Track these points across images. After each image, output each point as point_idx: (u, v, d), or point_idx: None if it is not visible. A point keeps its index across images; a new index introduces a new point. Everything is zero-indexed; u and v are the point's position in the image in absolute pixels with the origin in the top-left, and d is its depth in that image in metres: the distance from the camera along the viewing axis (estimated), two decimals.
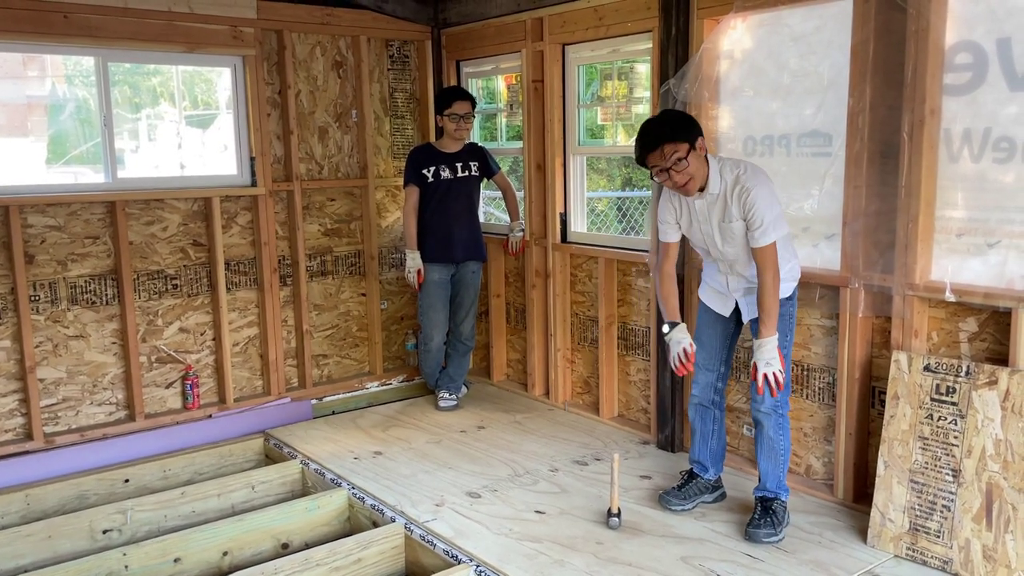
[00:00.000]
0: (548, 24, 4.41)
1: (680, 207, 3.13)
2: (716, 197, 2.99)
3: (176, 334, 4.40)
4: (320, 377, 4.90)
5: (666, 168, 2.90)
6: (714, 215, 3.02)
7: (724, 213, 2.99)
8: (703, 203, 3.03)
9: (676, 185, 2.94)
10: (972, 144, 2.88)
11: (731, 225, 2.98)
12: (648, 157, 2.93)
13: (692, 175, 2.92)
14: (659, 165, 2.91)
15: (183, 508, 3.69)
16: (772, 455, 3.12)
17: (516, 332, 5.06)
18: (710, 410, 3.35)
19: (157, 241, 4.30)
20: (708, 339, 3.29)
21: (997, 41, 2.79)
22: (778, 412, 3.10)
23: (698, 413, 3.37)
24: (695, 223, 3.10)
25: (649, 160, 2.93)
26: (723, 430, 3.40)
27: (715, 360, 3.30)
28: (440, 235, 4.51)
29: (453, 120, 4.42)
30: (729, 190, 2.96)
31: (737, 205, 2.94)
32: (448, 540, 3.12)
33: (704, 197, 3.01)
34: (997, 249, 2.83)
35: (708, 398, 3.34)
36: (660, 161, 2.90)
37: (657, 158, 2.91)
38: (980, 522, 2.73)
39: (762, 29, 3.49)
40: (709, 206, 3.02)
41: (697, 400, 3.36)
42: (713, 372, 3.31)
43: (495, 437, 4.22)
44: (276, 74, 4.58)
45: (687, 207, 3.10)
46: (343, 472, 3.78)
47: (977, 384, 2.77)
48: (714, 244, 3.08)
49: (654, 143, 2.91)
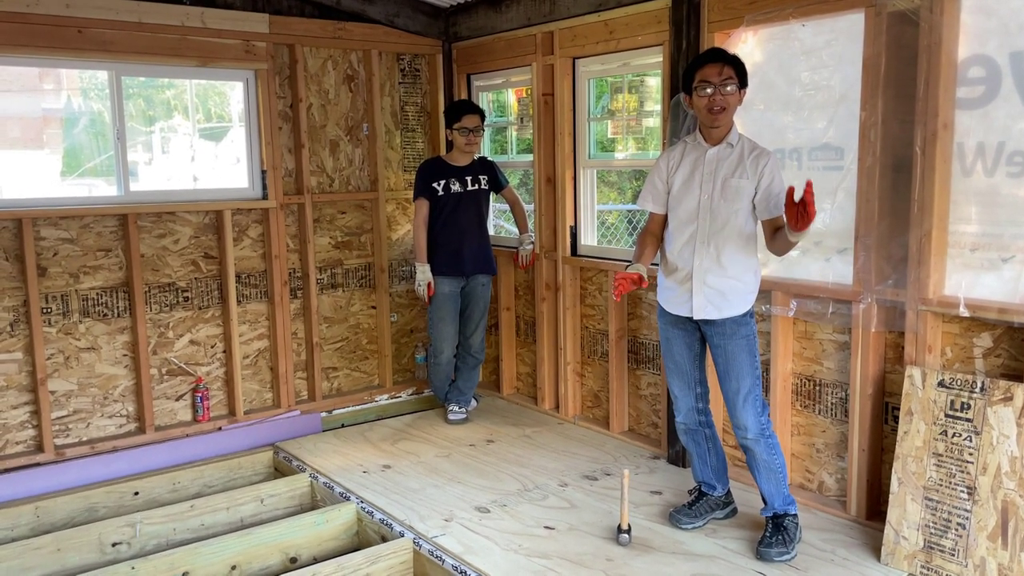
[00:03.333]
0: (558, 38, 4.42)
1: (680, 162, 3.10)
2: (732, 151, 3.01)
3: (187, 346, 4.41)
4: (330, 390, 4.90)
5: (715, 84, 2.90)
6: (723, 168, 3.01)
7: (737, 168, 2.99)
8: (715, 153, 3.03)
9: (712, 106, 2.93)
10: (985, 158, 2.86)
11: (740, 182, 2.98)
12: (707, 67, 2.93)
13: (728, 108, 2.95)
14: (711, 80, 2.91)
15: (192, 521, 3.68)
16: (771, 476, 3.09)
17: (526, 345, 5.04)
18: (699, 431, 3.30)
19: (168, 254, 4.32)
20: (678, 362, 3.22)
21: (1010, 55, 2.77)
22: (765, 435, 3.07)
23: (689, 436, 3.33)
24: (695, 177, 3.05)
25: (706, 70, 2.92)
26: (719, 445, 3.35)
27: (691, 382, 3.24)
28: (450, 248, 4.51)
29: (463, 134, 4.43)
30: (747, 150, 3.01)
31: (753, 166, 2.97)
32: (457, 556, 3.10)
33: (719, 148, 3.02)
34: (1011, 264, 2.80)
35: (693, 420, 3.29)
36: (715, 76, 2.91)
37: (714, 72, 2.91)
38: (995, 540, 2.69)
39: (773, 43, 3.48)
40: (720, 159, 3.02)
41: (684, 426, 3.31)
42: (691, 394, 3.25)
43: (504, 451, 4.20)
44: (288, 88, 4.60)
45: (689, 160, 3.08)
46: (352, 486, 3.77)
47: (992, 400, 2.74)
48: (707, 204, 3.01)
49: (720, 57, 2.95)
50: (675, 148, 3.18)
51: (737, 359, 3.05)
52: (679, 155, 3.13)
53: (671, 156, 3.15)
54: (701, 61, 2.98)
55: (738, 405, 3.05)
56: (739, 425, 3.07)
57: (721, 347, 3.07)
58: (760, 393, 3.07)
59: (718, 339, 3.08)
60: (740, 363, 3.04)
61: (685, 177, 3.09)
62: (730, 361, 3.06)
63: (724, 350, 3.07)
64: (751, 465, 3.13)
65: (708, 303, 3.04)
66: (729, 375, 3.07)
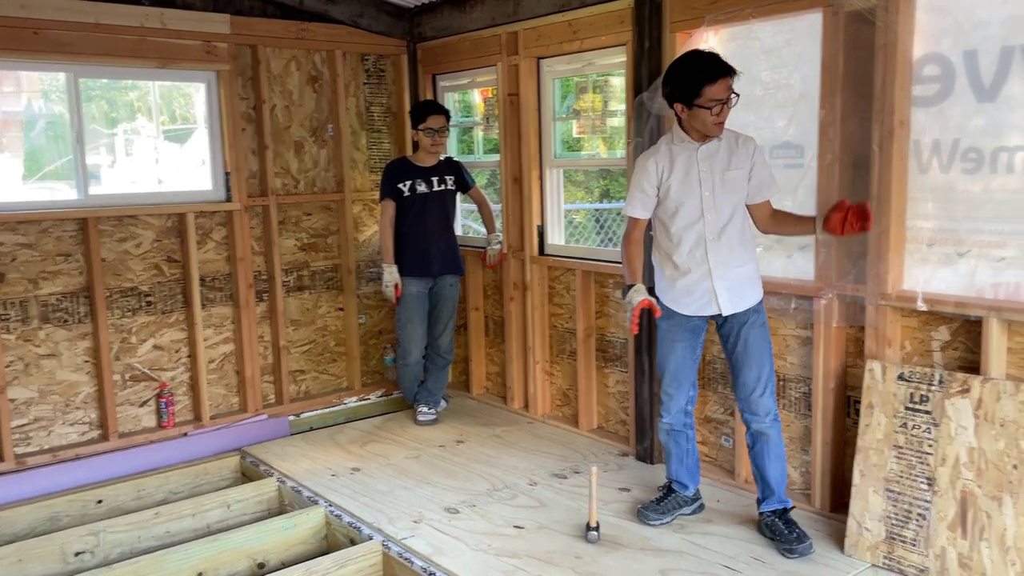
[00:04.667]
0: (523, 38, 4.43)
1: (670, 167, 3.05)
2: (720, 143, 3.02)
3: (150, 351, 4.35)
4: (297, 393, 4.87)
5: (724, 101, 2.88)
6: (717, 163, 3.01)
7: (730, 159, 3.01)
8: (705, 150, 3.02)
9: (718, 123, 2.93)
10: (941, 155, 2.91)
11: (736, 172, 3.01)
12: (719, 84, 2.86)
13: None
14: (720, 98, 2.88)
15: (157, 529, 3.64)
16: (780, 461, 3.13)
17: (495, 345, 5.04)
18: (683, 432, 3.31)
19: (130, 258, 4.26)
20: (679, 362, 3.21)
21: (964, 53, 2.83)
22: (777, 419, 3.12)
23: (671, 437, 3.33)
24: (692, 176, 3.02)
25: (716, 88, 2.86)
26: (695, 445, 3.38)
27: (686, 384, 3.25)
28: (417, 249, 4.50)
29: (428, 134, 4.42)
30: (732, 139, 3.04)
31: (744, 154, 3.01)
32: (426, 557, 3.09)
33: (708, 144, 3.02)
34: (967, 259, 2.86)
35: (680, 421, 3.30)
36: (724, 93, 2.88)
37: (723, 89, 2.88)
38: (955, 530, 2.74)
39: (734, 42, 3.51)
40: (712, 154, 3.02)
41: (669, 426, 3.31)
42: (684, 396, 3.26)
43: (474, 451, 4.20)
44: (251, 89, 4.56)
45: (681, 161, 3.04)
46: (320, 489, 3.74)
47: (950, 393, 2.79)
48: (711, 200, 3.01)
49: (727, 72, 2.88)
50: (658, 152, 3.09)
51: (758, 347, 3.08)
52: (667, 159, 3.06)
53: (658, 161, 3.07)
54: (709, 77, 2.87)
55: (757, 391, 3.08)
56: (757, 411, 3.09)
57: (743, 338, 3.08)
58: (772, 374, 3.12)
59: (740, 330, 3.08)
60: (761, 350, 3.08)
61: (681, 178, 3.04)
62: (750, 349, 3.08)
63: (746, 340, 3.08)
64: (762, 452, 3.12)
65: (733, 296, 3.06)
66: (750, 363, 3.08)
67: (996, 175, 2.78)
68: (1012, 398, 2.65)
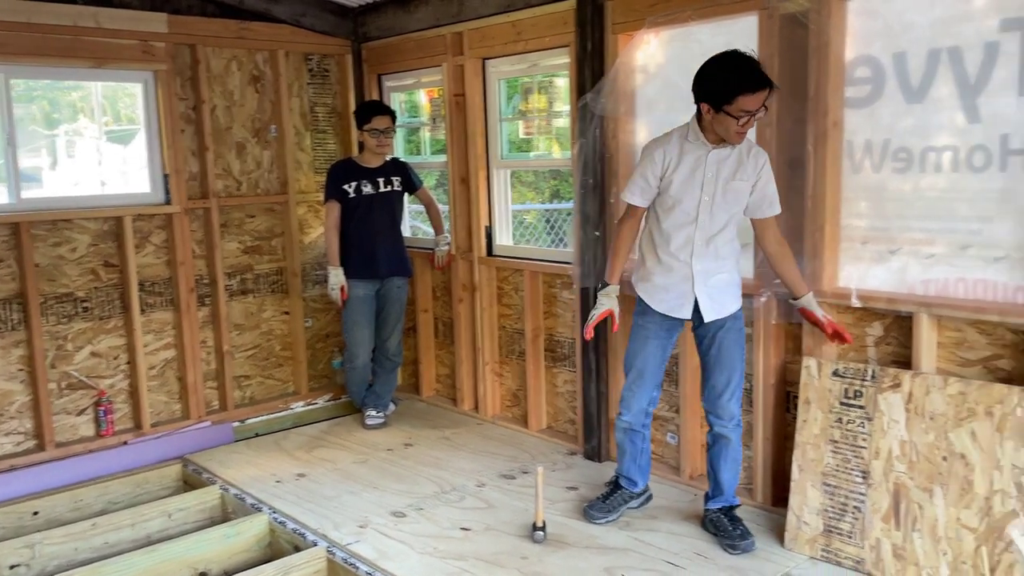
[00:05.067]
0: (468, 39, 4.42)
1: (677, 162, 2.95)
2: (732, 151, 2.92)
3: (88, 359, 4.24)
4: (242, 399, 4.79)
5: (752, 113, 2.75)
6: (724, 170, 2.93)
7: (737, 170, 2.93)
8: (716, 155, 2.93)
9: (740, 132, 2.81)
10: (873, 155, 2.98)
11: (741, 184, 2.93)
12: (750, 98, 2.71)
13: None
14: (750, 110, 2.74)
15: (95, 540, 3.55)
16: (736, 464, 3.15)
17: (444, 347, 5.03)
18: (640, 432, 3.29)
19: (66, 263, 4.14)
20: (647, 360, 3.16)
21: (893, 55, 2.90)
22: (739, 424, 3.13)
23: (628, 436, 3.29)
24: (696, 177, 2.94)
25: (749, 101, 2.71)
26: (649, 444, 3.37)
27: (650, 384, 3.21)
28: (364, 251, 4.46)
29: (373, 135, 4.39)
30: (744, 149, 2.94)
31: (753, 165, 2.93)
32: (371, 562, 3.06)
33: (720, 149, 2.93)
34: (898, 256, 2.93)
35: (639, 422, 3.26)
36: (755, 105, 2.74)
37: (757, 102, 2.73)
38: (889, 522, 2.81)
39: (674, 44, 3.55)
40: (722, 160, 2.93)
41: (628, 425, 3.26)
42: (647, 396, 3.23)
43: (422, 454, 4.18)
44: (190, 89, 4.47)
45: (690, 159, 2.94)
46: (264, 496, 3.69)
47: (882, 387, 2.85)
48: (708, 205, 2.94)
49: (764, 84, 2.72)
50: (668, 143, 2.99)
51: (732, 353, 3.06)
52: (676, 152, 2.96)
53: (667, 151, 2.97)
54: (748, 87, 2.71)
55: (725, 396, 3.08)
56: (723, 415, 3.09)
57: (718, 342, 3.06)
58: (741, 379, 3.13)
59: (715, 334, 3.06)
60: (734, 357, 3.07)
61: (685, 176, 2.96)
62: (724, 355, 3.06)
63: (720, 345, 3.06)
64: (719, 454, 3.13)
65: (714, 303, 3.02)
66: (721, 368, 3.07)
67: (925, 174, 2.86)
68: (941, 392, 2.72)
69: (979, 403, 2.64)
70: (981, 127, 2.72)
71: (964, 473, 2.66)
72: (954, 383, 2.71)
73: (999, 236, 2.71)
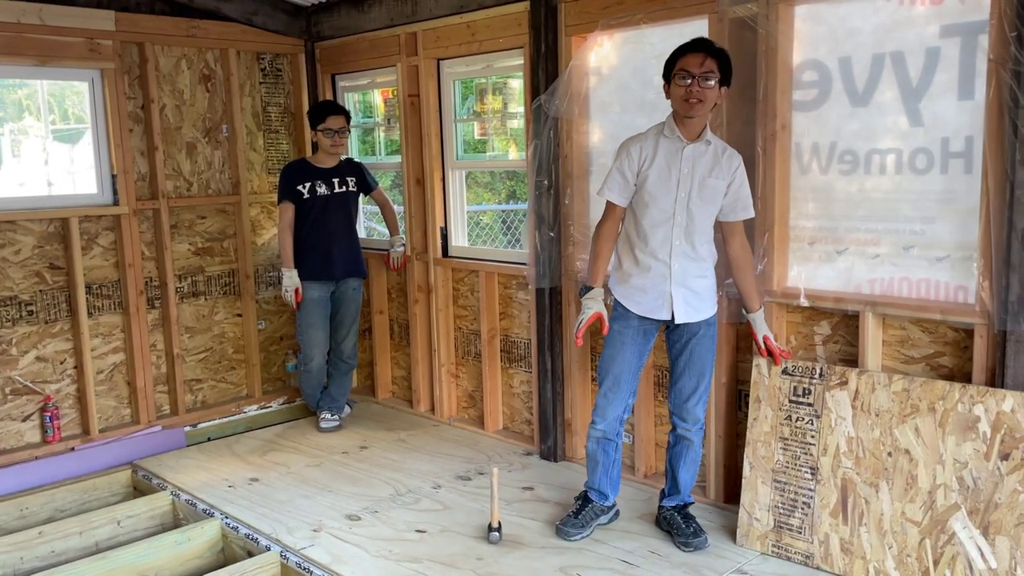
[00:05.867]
0: (422, 39, 4.40)
1: (652, 156, 2.93)
2: (708, 148, 2.92)
3: (33, 363, 4.13)
4: (194, 403, 4.71)
5: (695, 75, 2.78)
6: (700, 167, 2.91)
7: (713, 168, 2.91)
8: (692, 150, 2.91)
9: (688, 97, 2.80)
10: (820, 157, 3.04)
11: (716, 182, 2.91)
12: (688, 56, 2.80)
13: (706, 102, 2.82)
14: (690, 70, 2.78)
15: (41, 548, 3.46)
16: (694, 466, 3.17)
17: (400, 348, 5.00)
18: (613, 442, 3.20)
19: (9, 265, 4.03)
20: (623, 367, 3.09)
21: (839, 60, 2.96)
22: (703, 428, 3.15)
23: (601, 446, 3.19)
24: (672, 172, 2.92)
25: (687, 59, 2.80)
26: (620, 455, 3.29)
27: (626, 391, 3.13)
28: (318, 252, 4.42)
29: (327, 135, 4.35)
30: (720, 150, 2.94)
31: (728, 166, 2.92)
32: (325, 566, 3.04)
33: (696, 145, 2.92)
34: (845, 256, 3.00)
35: (615, 431, 3.17)
36: (695, 67, 2.78)
37: (696, 63, 2.79)
38: (837, 517, 2.87)
39: (627, 47, 3.58)
40: (697, 156, 2.92)
41: (602, 434, 3.17)
42: (622, 404, 3.14)
43: (378, 456, 4.16)
44: (139, 88, 4.38)
45: (664, 155, 2.92)
46: (216, 501, 3.63)
47: (830, 385, 2.91)
48: (684, 202, 2.92)
49: (704, 48, 2.81)
50: (644, 139, 2.98)
51: (702, 358, 3.05)
52: (652, 147, 2.95)
53: (643, 147, 2.96)
54: (683, 50, 2.84)
55: (692, 401, 3.07)
56: (688, 419, 3.09)
57: (690, 348, 3.04)
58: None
59: (688, 340, 3.03)
60: (704, 362, 3.05)
61: (660, 172, 2.93)
62: (694, 360, 3.04)
63: (692, 351, 3.04)
64: (680, 455, 3.14)
65: (688, 306, 2.98)
66: (691, 373, 3.05)
67: (870, 176, 2.93)
68: (886, 388, 2.79)
69: (922, 399, 2.71)
70: (923, 130, 2.79)
71: (908, 468, 2.72)
72: (899, 380, 2.77)
73: (941, 236, 2.79)
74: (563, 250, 3.86)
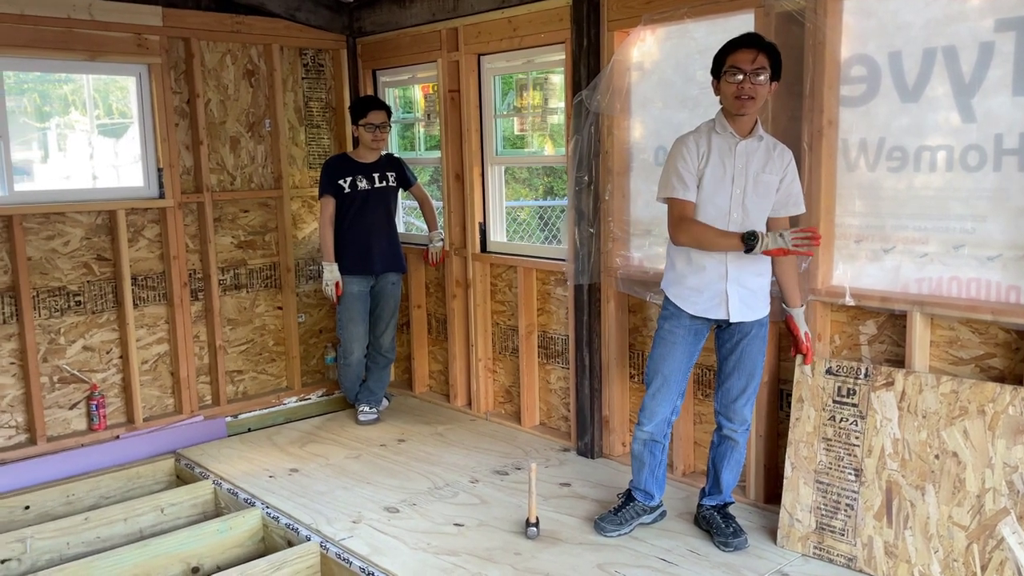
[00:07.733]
0: (463, 34, 4.41)
1: (709, 152, 2.88)
2: (760, 144, 2.89)
3: (80, 353, 4.22)
4: (235, 394, 4.77)
5: (746, 72, 2.74)
6: (754, 162, 2.87)
7: (766, 163, 2.88)
8: (745, 146, 2.87)
9: (740, 95, 2.77)
10: (868, 154, 2.99)
11: (770, 177, 2.88)
12: (740, 52, 2.76)
13: (757, 99, 2.79)
14: (742, 67, 2.75)
15: (87, 534, 3.54)
16: (738, 466, 3.14)
17: (438, 343, 5.02)
18: (660, 443, 3.15)
19: (58, 256, 4.12)
20: (673, 367, 3.04)
21: (889, 54, 2.91)
22: (748, 428, 3.12)
23: (648, 448, 3.14)
24: (726, 169, 2.87)
25: (738, 55, 2.76)
26: (667, 456, 3.23)
27: (675, 392, 3.07)
28: (358, 247, 4.45)
29: (369, 130, 4.38)
30: (771, 145, 2.91)
31: (780, 161, 2.89)
32: (364, 557, 3.06)
33: (749, 141, 2.88)
34: (892, 254, 2.94)
35: (662, 432, 3.13)
36: (747, 63, 2.74)
37: (747, 59, 2.75)
38: (881, 519, 2.82)
39: (669, 42, 3.55)
40: (751, 152, 2.88)
41: (649, 436, 3.12)
42: (670, 406, 3.09)
43: (415, 450, 4.18)
44: (184, 83, 4.45)
45: (718, 152, 2.88)
46: (257, 491, 3.68)
47: (875, 386, 2.87)
48: (740, 199, 2.87)
49: (755, 43, 2.78)
50: (699, 134, 2.93)
51: (753, 358, 3.01)
52: (705, 144, 2.90)
53: (699, 145, 2.91)
54: (734, 45, 2.80)
55: (740, 401, 3.03)
56: (733, 419, 3.06)
57: (740, 348, 2.99)
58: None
59: (740, 340, 2.99)
60: (755, 362, 3.02)
61: (716, 170, 2.89)
62: (745, 360, 3.00)
63: (743, 351, 2.99)
64: (724, 455, 3.11)
65: (744, 305, 2.93)
66: (740, 373, 3.02)
67: (919, 173, 2.87)
68: (934, 390, 2.73)
69: (971, 401, 2.66)
70: (976, 127, 2.73)
71: (956, 471, 2.67)
72: (947, 381, 2.72)
73: (992, 235, 2.72)
74: (602, 246, 3.84)
